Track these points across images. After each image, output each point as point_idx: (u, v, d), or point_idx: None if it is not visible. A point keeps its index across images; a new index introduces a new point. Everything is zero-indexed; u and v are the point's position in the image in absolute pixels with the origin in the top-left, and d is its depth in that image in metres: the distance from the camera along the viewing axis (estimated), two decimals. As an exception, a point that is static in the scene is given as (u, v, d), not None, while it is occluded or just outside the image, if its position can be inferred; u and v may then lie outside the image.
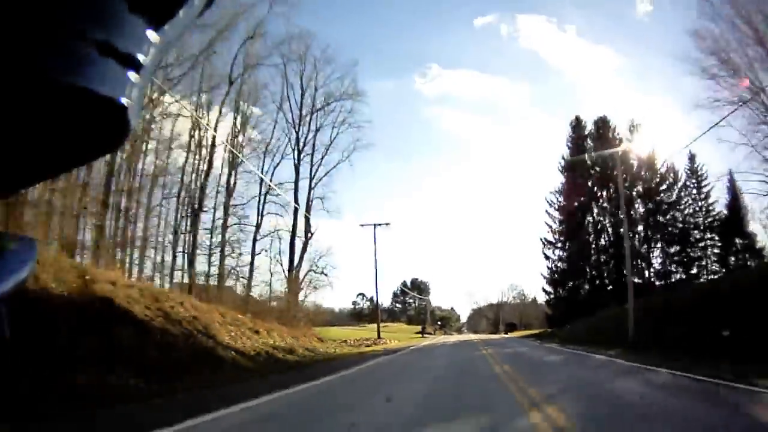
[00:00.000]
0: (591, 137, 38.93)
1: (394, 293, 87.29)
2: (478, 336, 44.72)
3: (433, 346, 23.36)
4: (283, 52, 24.89)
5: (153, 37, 0.36)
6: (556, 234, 38.64)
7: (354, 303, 78.76)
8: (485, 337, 37.65)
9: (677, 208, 34.82)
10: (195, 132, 19.41)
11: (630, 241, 23.64)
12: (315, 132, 26.84)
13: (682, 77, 52.57)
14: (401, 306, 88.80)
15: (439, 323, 74.16)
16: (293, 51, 25.52)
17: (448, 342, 28.77)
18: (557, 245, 38.48)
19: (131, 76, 0.35)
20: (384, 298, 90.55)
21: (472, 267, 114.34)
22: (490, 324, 69.46)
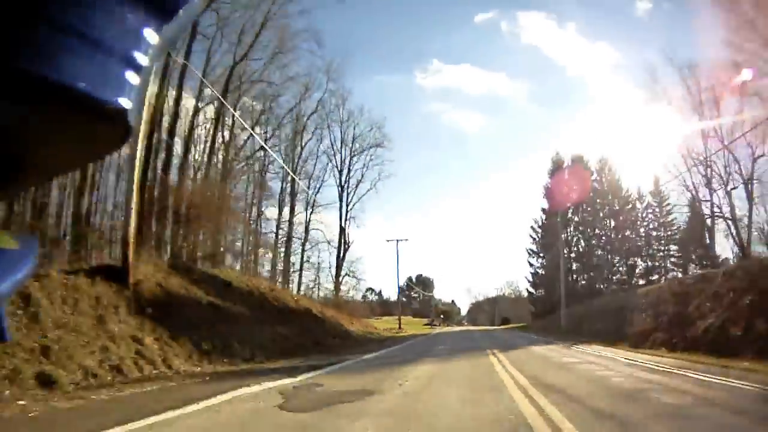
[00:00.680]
0: (567, 170, 48.90)
1: (399, 287, 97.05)
2: (475, 327, 55.13)
3: (444, 333, 33.81)
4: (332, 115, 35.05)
5: (152, 38, 0.37)
6: (538, 246, 48.83)
7: (364, 297, 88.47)
8: (480, 328, 48.05)
9: (641, 224, 44.52)
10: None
11: (566, 274, 34.07)
12: (349, 170, 37.05)
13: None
14: (406, 300, 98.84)
15: (442, 316, 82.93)
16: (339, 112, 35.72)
17: (453, 330, 39.24)
18: (539, 255, 48.63)
19: (131, 76, 0.36)
20: (391, 292, 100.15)
21: (471, 262, 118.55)
22: (487, 317, 76.72)
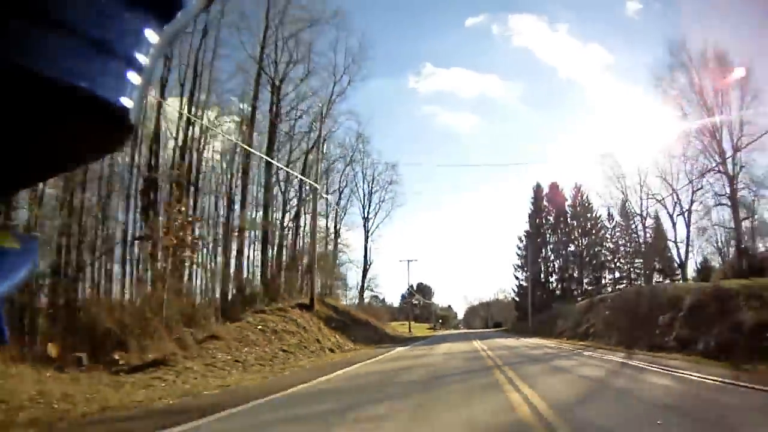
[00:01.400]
0: (546, 197, 60.06)
1: (402, 295, 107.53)
2: (470, 330, 66.19)
3: (447, 334, 44.68)
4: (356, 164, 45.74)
5: (153, 38, 0.37)
6: (522, 260, 59.83)
7: (369, 304, 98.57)
8: (475, 331, 58.98)
9: (610, 240, 55.32)
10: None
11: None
12: (370, 203, 47.72)
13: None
14: (408, 305, 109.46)
15: (441, 321, 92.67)
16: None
17: (453, 333, 50.14)
18: (523, 269, 59.66)
19: (131, 77, 0.36)
20: (393, 298, 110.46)
21: (467, 266, 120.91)
22: (482, 321, 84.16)
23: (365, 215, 47.60)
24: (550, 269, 58.11)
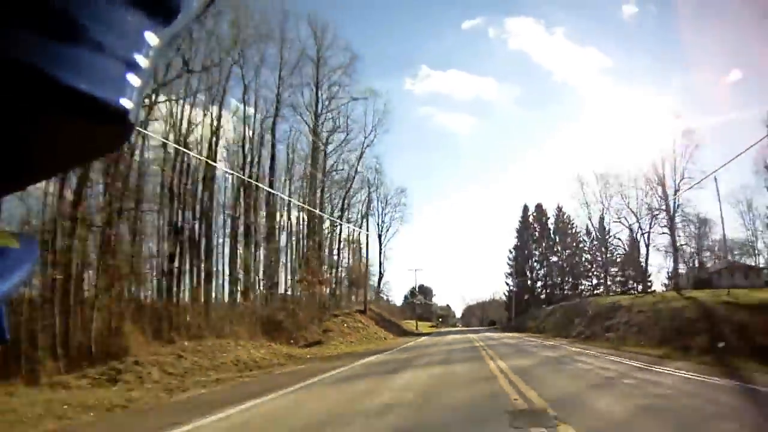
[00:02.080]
0: (531, 216, 70.56)
1: (405, 296, 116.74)
2: (467, 328, 76.62)
3: (448, 331, 55.14)
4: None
5: (153, 40, 0.37)
6: (512, 269, 70.34)
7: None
8: (470, 328, 69.57)
9: (589, 251, 65.60)
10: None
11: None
12: (383, 221, 57.96)
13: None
14: (411, 305, 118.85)
15: (440, 320, 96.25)
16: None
17: (453, 330, 60.72)
18: (513, 275, 70.17)
19: (131, 78, 0.36)
20: (396, 299, 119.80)
21: (465, 267, 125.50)
22: (478, 320, 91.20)
23: (379, 232, 58.41)
24: (535, 277, 68.83)
